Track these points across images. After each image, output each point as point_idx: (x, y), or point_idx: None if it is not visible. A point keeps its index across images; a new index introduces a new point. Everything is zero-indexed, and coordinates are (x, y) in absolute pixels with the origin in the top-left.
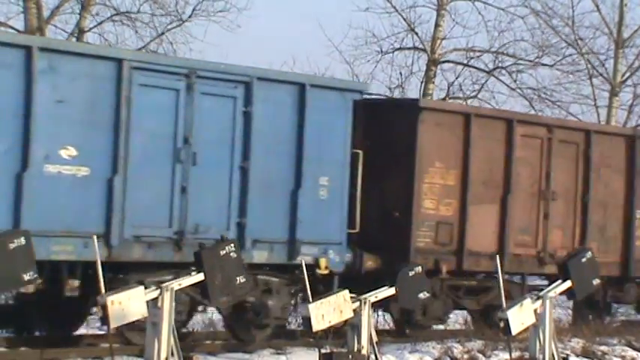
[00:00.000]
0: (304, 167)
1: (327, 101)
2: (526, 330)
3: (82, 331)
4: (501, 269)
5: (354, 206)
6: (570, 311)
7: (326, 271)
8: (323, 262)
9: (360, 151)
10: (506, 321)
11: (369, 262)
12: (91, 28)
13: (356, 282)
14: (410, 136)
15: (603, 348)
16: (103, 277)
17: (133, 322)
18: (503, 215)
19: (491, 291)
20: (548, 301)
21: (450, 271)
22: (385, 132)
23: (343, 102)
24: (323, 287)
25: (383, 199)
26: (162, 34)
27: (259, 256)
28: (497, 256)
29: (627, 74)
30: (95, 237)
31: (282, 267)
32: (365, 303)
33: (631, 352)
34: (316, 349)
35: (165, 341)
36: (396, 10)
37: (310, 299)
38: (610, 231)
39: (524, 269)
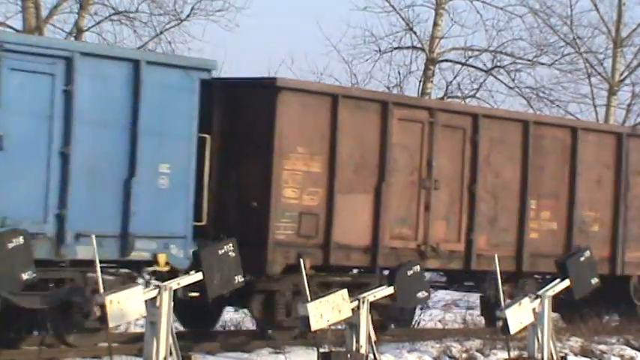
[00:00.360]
0: (139, 153)
1: (168, 80)
2: (525, 329)
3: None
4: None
5: (202, 196)
6: None
7: (166, 268)
8: (162, 258)
9: (207, 136)
10: (505, 320)
11: None
12: (89, 28)
13: None
14: (268, 118)
15: (602, 347)
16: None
17: None
18: (378, 205)
19: (367, 287)
20: (546, 300)
21: (315, 266)
22: (243, 114)
23: (188, 81)
24: None
25: (240, 188)
26: (161, 33)
27: (84, 251)
28: (496, 255)
29: (625, 73)
30: (94, 236)
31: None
32: (363, 302)
33: (629, 351)
34: (315, 349)
35: (163, 341)
36: (395, 9)
37: (309, 297)
38: (502, 223)
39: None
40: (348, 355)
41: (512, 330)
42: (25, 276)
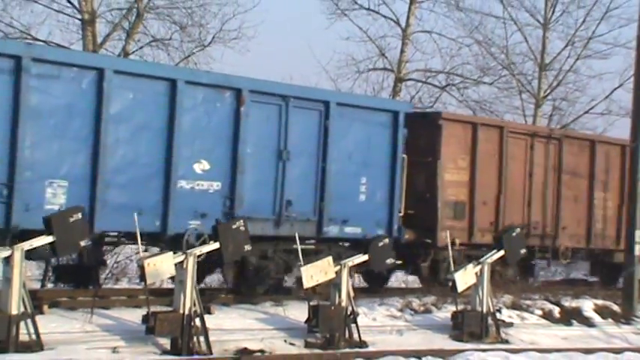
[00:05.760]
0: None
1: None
2: (469, 288)
3: (124, 285)
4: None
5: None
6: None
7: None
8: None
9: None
10: (454, 281)
11: None
12: (134, 51)
13: None
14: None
15: (527, 302)
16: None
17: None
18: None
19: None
20: (485, 266)
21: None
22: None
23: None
24: None
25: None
26: (189, 56)
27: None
28: (447, 232)
29: (548, 91)
30: (136, 213)
31: None
32: (344, 266)
33: (548, 305)
34: (306, 302)
35: (189, 295)
36: (371, 39)
37: (302, 263)
38: None
39: None
40: (332, 308)
41: (460, 289)
42: (82, 243)
